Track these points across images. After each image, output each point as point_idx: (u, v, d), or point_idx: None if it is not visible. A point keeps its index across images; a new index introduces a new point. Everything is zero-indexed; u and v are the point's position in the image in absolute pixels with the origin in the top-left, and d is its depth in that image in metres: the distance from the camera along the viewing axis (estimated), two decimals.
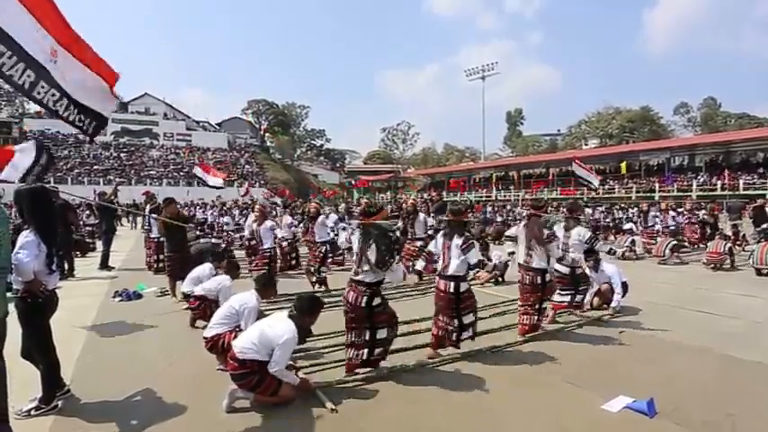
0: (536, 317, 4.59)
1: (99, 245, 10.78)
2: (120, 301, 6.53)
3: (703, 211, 13.85)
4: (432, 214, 9.01)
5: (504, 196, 36.57)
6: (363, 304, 3.45)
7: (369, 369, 3.64)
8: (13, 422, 2.72)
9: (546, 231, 4.56)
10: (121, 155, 47.97)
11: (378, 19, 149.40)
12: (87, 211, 14.74)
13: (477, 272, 4.09)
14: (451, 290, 3.85)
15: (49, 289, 3.04)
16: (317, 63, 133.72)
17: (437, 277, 4.03)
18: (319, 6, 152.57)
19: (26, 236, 2.92)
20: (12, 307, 2.85)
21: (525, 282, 4.58)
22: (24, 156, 6.20)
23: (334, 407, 3.10)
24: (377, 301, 3.50)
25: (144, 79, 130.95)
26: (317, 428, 2.90)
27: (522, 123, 69.01)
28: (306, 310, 3.34)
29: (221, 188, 14.53)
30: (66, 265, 7.90)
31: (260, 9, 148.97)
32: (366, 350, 3.52)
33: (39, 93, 2.86)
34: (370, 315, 3.49)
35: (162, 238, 8.71)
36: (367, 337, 3.50)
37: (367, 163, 73.53)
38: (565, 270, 5.09)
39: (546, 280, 4.54)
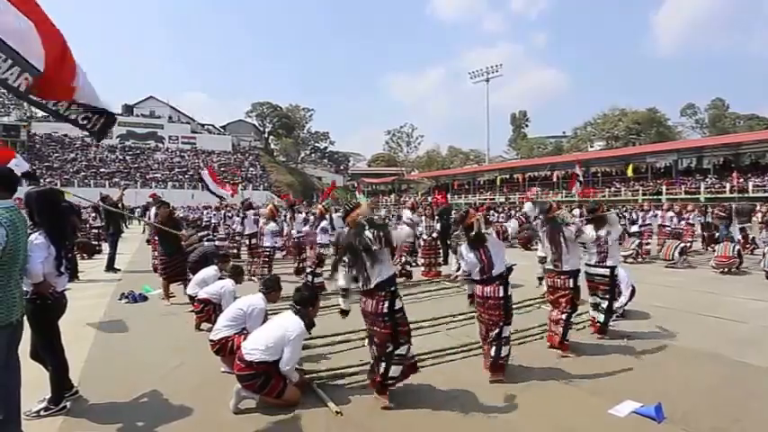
0: (568, 330, 4.30)
1: (105, 247, 10.85)
2: (127, 302, 6.58)
3: (711, 214, 13.70)
4: (436, 218, 8.96)
5: (510, 199, 36.40)
6: (386, 309, 3.12)
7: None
8: (23, 423, 2.74)
9: (572, 229, 4.32)
10: (127, 158, 48.41)
11: (382, 22, 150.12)
12: (93, 214, 14.82)
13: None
14: (500, 294, 3.64)
15: (58, 291, 3.07)
16: (322, 66, 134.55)
17: (479, 285, 3.74)
18: (324, 10, 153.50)
19: (35, 238, 2.94)
20: None
21: (557, 285, 4.38)
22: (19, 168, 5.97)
23: (339, 410, 3.09)
24: (398, 305, 3.21)
25: (149, 83, 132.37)
26: (323, 431, 2.90)
27: (526, 125, 68.94)
28: (307, 301, 3.40)
29: (223, 199, 14.24)
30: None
31: (264, 12, 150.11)
32: (383, 365, 3.18)
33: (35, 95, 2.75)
34: (394, 324, 3.16)
35: None
36: (389, 350, 3.17)
37: (371, 165, 73.60)
38: (604, 272, 4.75)
39: (578, 284, 4.35)
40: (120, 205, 10.14)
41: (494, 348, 3.66)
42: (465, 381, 3.65)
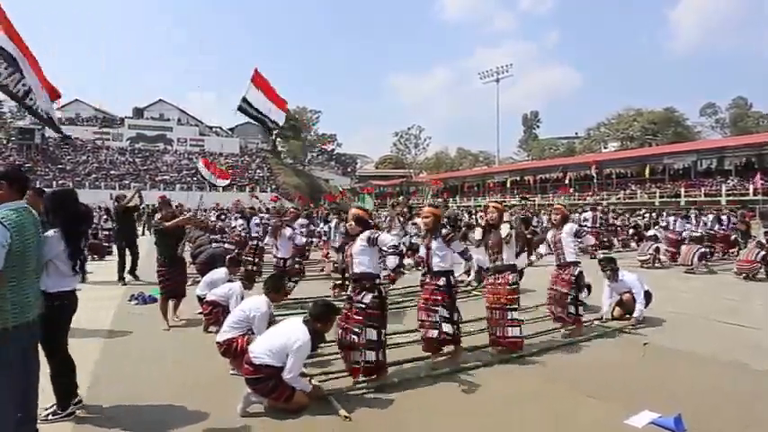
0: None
1: (115, 249, 10.86)
2: (136, 304, 6.60)
3: (732, 216, 13.35)
4: (445, 220, 8.82)
5: (521, 201, 35.92)
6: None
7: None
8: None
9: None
10: (136, 160, 48.92)
11: (388, 23, 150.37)
12: (105, 216, 14.92)
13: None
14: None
15: (69, 290, 3.03)
16: (328, 68, 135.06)
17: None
18: (325, 10, 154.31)
19: (51, 234, 2.92)
20: None
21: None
22: None
23: (347, 415, 3.04)
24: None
25: (158, 85, 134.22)
26: None
27: (537, 126, 68.25)
28: (320, 317, 3.31)
29: (227, 187, 14.47)
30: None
31: (269, 13, 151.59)
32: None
33: (30, 100, 3.11)
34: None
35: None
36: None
37: (378, 167, 73.50)
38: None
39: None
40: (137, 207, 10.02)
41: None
42: (474, 388, 3.58)
